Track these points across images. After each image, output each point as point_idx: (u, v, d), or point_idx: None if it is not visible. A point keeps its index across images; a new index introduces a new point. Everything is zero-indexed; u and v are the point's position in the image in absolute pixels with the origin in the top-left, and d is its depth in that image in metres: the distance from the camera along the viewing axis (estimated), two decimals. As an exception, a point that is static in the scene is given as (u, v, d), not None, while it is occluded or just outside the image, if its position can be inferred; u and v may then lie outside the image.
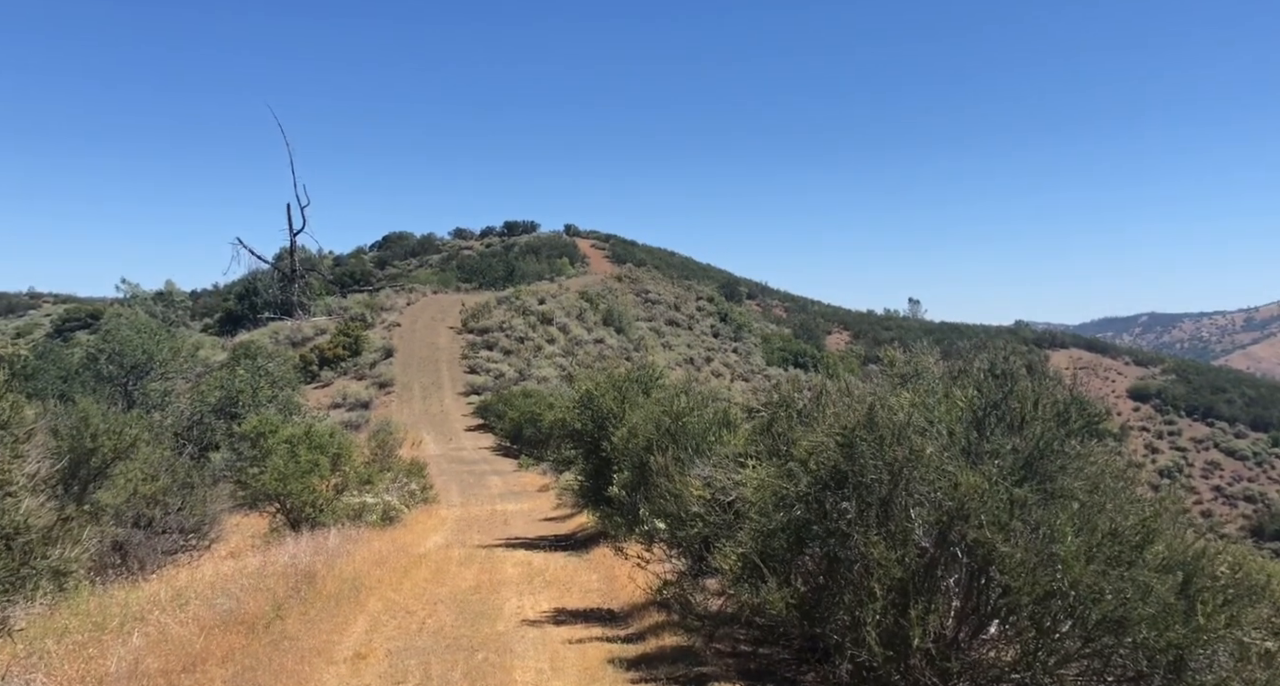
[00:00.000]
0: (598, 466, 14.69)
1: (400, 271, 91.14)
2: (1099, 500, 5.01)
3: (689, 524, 7.78)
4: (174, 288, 75.98)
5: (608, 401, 14.91)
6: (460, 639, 8.14)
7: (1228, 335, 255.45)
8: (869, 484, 5.39)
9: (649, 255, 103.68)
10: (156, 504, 11.34)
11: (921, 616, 4.91)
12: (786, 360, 75.45)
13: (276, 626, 8.08)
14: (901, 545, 5.15)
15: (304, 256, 73.26)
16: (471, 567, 12.46)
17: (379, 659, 7.36)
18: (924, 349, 7.78)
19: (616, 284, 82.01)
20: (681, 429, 10.48)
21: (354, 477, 17.43)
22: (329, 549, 11.90)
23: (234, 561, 11.44)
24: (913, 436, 5.39)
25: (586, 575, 11.87)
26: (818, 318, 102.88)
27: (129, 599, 8.19)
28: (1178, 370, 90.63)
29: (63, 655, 6.21)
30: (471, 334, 59.38)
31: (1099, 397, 8.42)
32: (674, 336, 74.43)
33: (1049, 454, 5.27)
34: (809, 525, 5.65)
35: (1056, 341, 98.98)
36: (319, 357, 52.61)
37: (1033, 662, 4.85)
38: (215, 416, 25.22)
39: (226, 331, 66.89)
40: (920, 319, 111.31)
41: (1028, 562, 4.71)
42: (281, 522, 15.60)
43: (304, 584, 9.70)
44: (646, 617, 8.75)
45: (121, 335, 27.80)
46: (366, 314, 62.12)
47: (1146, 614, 4.42)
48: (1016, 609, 4.94)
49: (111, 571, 10.06)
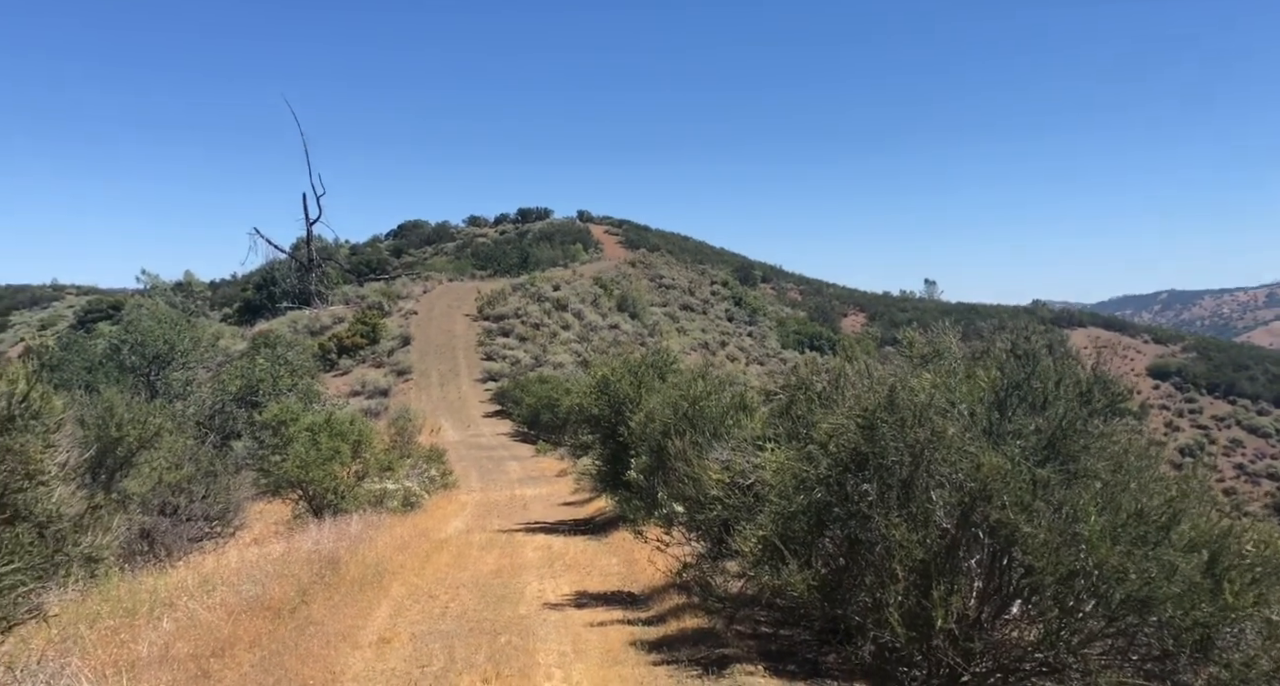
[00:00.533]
0: (615, 451, 14.75)
1: (416, 259, 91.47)
2: (1122, 479, 4.98)
3: (708, 507, 7.80)
4: (193, 278, 76.58)
5: (624, 386, 14.95)
6: (483, 622, 8.22)
7: (1249, 311, 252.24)
8: (890, 465, 5.38)
9: (663, 240, 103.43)
10: (181, 492, 11.48)
11: (944, 597, 4.91)
12: (802, 343, 75.28)
13: (302, 611, 8.19)
14: (923, 526, 5.14)
15: (320, 246, 73.65)
16: (492, 552, 12.56)
17: (403, 642, 7.45)
18: (944, 329, 7.72)
19: (630, 269, 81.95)
20: (698, 413, 10.49)
21: (374, 464, 17.57)
22: (351, 535, 12.02)
23: (258, 548, 11.59)
24: (934, 417, 5.37)
25: (606, 558, 11.95)
26: (833, 300, 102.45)
27: (157, 585, 8.32)
28: (1198, 347, 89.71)
29: (95, 640, 6.33)
30: (487, 321, 59.58)
31: (1120, 376, 8.36)
32: (689, 321, 74.37)
33: (1072, 434, 5.23)
34: (829, 507, 5.65)
35: (1075, 320, 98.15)
36: (337, 346, 52.97)
37: (1056, 642, 4.84)
38: (236, 405, 25.45)
39: (245, 321, 67.45)
40: (937, 300, 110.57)
41: (1051, 543, 4.69)
42: (304, 509, 15.77)
43: (328, 569, 9.81)
44: (667, 600, 8.80)
45: (143, 326, 28.06)
46: (383, 302, 62.44)
47: (1172, 593, 4.39)
48: (1039, 589, 4.93)
49: (139, 558, 10.21)
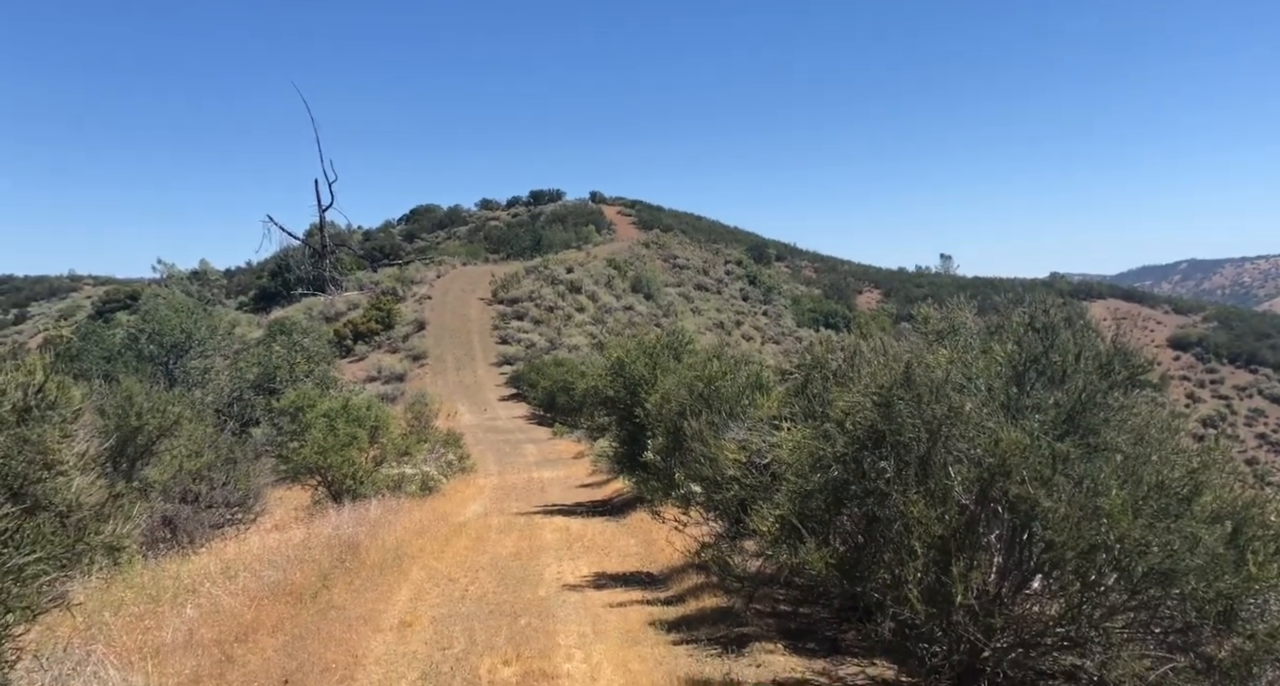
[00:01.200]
0: (632, 432, 14.76)
1: (429, 244, 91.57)
2: (1144, 452, 4.91)
3: (725, 487, 7.79)
4: (208, 266, 77.04)
5: (639, 368, 14.94)
6: (503, 605, 8.27)
7: (1271, 279, 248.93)
8: (907, 442, 5.33)
9: (676, 220, 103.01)
10: (202, 479, 11.58)
11: (963, 573, 4.88)
12: (817, 321, 75.00)
13: (323, 596, 8.26)
14: (941, 503, 5.10)
15: (334, 232, 73.78)
16: (511, 535, 12.63)
17: (424, 625, 7.51)
18: (960, 304, 7.63)
19: (644, 250, 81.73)
20: (714, 393, 10.46)
21: (392, 449, 17.67)
22: (371, 519, 12.11)
23: (279, 534, 11.70)
24: (951, 393, 5.31)
25: (624, 539, 11.98)
26: (848, 277, 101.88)
27: (180, 571, 8.41)
28: (1219, 317, 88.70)
29: (120, 626, 6.40)
30: (501, 304, 59.67)
31: (1141, 348, 8.24)
32: (703, 301, 74.19)
33: (1091, 407, 5.17)
34: (847, 485, 5.62)
35: (1093, 292, 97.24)
36: (352, 332, 53.23)
37: (1078, 616, 4.81)
38: (254, 392, 25.65)
39: (261, 308, 67.88)
40: (952, 274, 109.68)
41: (1071, 517, 4.65)
42: (323, 495, 15.90)
43: (348, 554, 9.89)
44: (685, 580, 8.82)
45: (160, 315, 28.27)
46: (397, 287, 62.63)
47: (1195, 565, 4.34)
48: (1060, 563, 4.89)
49: (162, 545, 10.32)
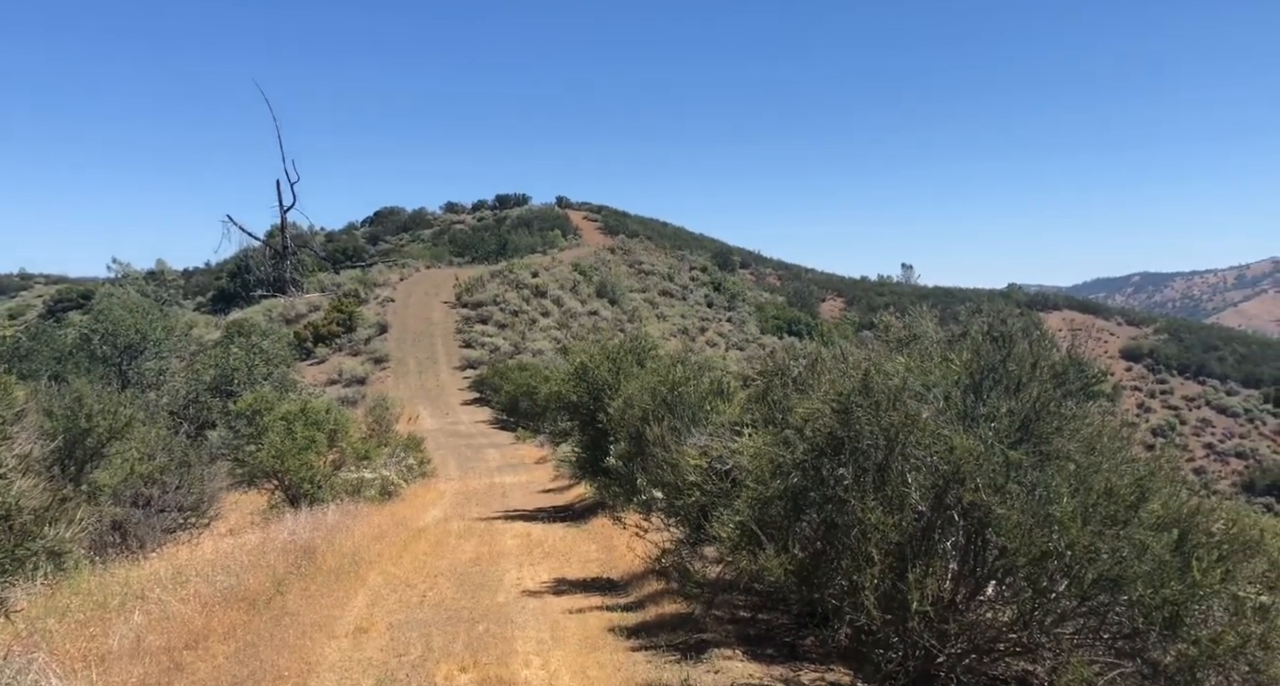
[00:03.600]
0: (594, 437, 14.72)
1: (392, 246, 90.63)
2: (1094, 460, 5.01)
3: (686, 493, 7.79)
4: (165, 266, 75.57)
5: (603, 373, 14.91)
6: (461, 611, 8.19)
7: (1219, 293, 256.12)
8: (865, 449, 5.39)
9: (641, 226, 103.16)
10: (154, 483, 11.33)
11: (919, 579, 4.93)
12: (781, 328, 75.50)
13: (277, 602, 8.12)
14: (898, 509, 5.16)
15: (295, 233, 72.81)
16: (471, 540, 12.52)
17: (380, 632, 7.41)
18: (921, 313, 7.74)
19: (609, 255, 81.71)
20: (677, 398, 10.47)
21: (351, 453, 17.44)
22: (328, 524, 11.93)
23: (234, 538, 11.48)
24: (908, 401, 5.38)
25: (585, 545, 11.94)
26: (811, 285, 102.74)
27: (130, 577, 8.21)
28: (1170, 329, 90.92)
29: (64, 634, 6.23)
30: (465, 308, 59.22)
31: (1095, 358, 8.44)
32: (668, 307, 74.33)
33: (1045, 415, 5.26)
34: (806, 491, 5.66)
35: (1050, 303, 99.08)
36: (313, 334, 52.47)
37: (1030, 622, 4.89)
38: (211, 395, 25.17)
39: (220, 309, 66.62)
40: (914, 284, 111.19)
41: (1024, 524, 4.73)
42: (280, 499, 15.63)
43: (304, 559, 9.74)
44: (646, 586, 8.81)
45: (114, 315, 27.64)
46: (360, 290, 61.87)
47: (1142, 571, 4.44)
48: (1013, 570, 4.97)
49: (112, 550, 10.08)
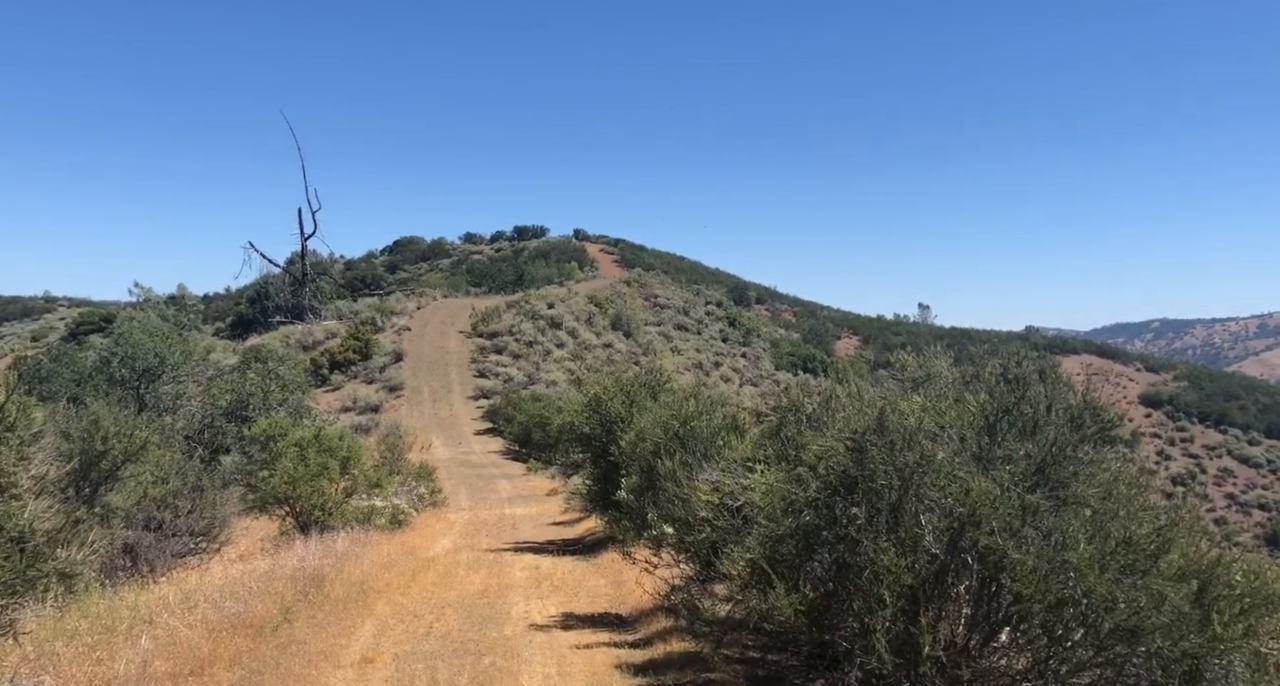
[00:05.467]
0: (606, 470, 14.67)
1: (411, 275, 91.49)
2: (1112, 507, 4.95)
3: (697, 529, 7.74)
4: (186, 291, 76.40)
5: (616, 405, 14.89)
6: (467, 643, 8.12)
7: (1240, 342, 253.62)
8: (879, 489, 5.34)
9: (657, 259, 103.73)
10: (166, 506, 11.36)
11: (932, 623, 4.86)
12: (795, 365, 75.34)
13: (284, 630, 8.08)
14: (912, 551, 5.10)
15: (315, 260, 73.59)
16: (479, 571, 12.45)
17: (386, 663, 7.35)
18: (936, 353, 7.72)
19: (625, 288, 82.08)
20: (690, 433, 10.44)
21: (363, 481, 17.45)
22: (337, 552, 11.90)
23: (243, 564, 11.47)
24: (923, 441, 5.34)
25: (594, 580, 11.84)
26: (827, 322, 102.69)
27: (138, 601, 8.21)
28: (1190, 376, 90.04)
29: (71, 657, 6.22)
30: (481, 338, 59.50)
31: (1111, 403, 8.32)
32: (682, 341, 74.39)
33: (1062, 460, 5.21)
34: (818, 530, 5.61)
35: (1067, 347, 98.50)
36: (329, 361, 52.79)
37: (1044, 671, 4.80)
38: (226, 419, 25.32)
39: (238, 335, 67.24)
40: (930, 324, 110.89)
41: (1040, 570, 4.66)
42: (291, 525, 15.63)
43: (312, 587, 9.70)
44: (654, 623, 8.72)
45: (134, 338, 27.95)
46: (377, 318, 62.32)
47: (1161, 623, 4.35)
48: (1028, 616, 4.89)
49: (122, 573, 10.09)
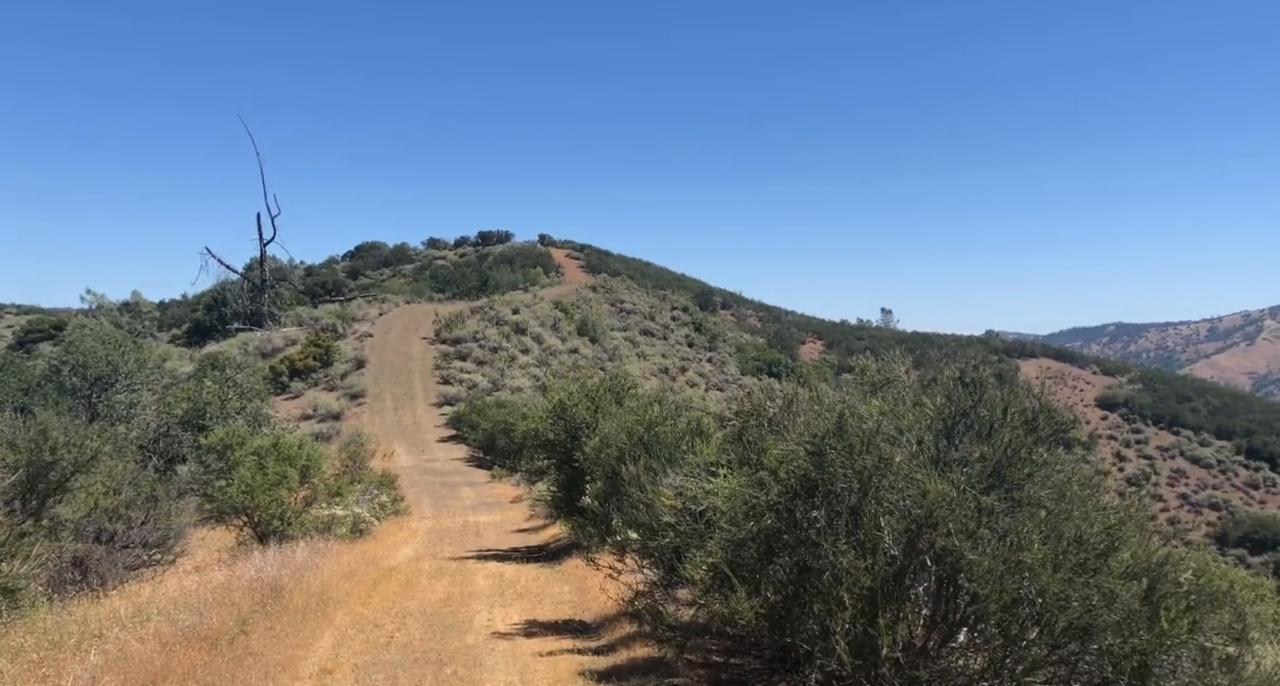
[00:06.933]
0: (571, 477, 14.62)
1: (373, 281, 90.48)
2: (1066, 508, 5.04)
3: (661, 534, 7.73)
4: (141, 298, 74.69)
5: (580, 411, 14.85)
6: (429, 652, 8.03)
7: (1192, 345, 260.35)
8: (839, 492, 5.39)
9: (623, 265, 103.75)
10: (119, 518, 11.09)
11: (890, 625, 4.91)
12: (761, 369, 75.74)
13: (241, 642, 7.92)
14: (871, 553, 5.15)
15: (274, 266, 72.48)
16: (442, 580, 12.32)
17: (345, 674, 7.24)
18: (895, 357, 7.80)
19: (591, 294, 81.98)
20: (654, 438, 10.45)
21: (323, 490, 17.20)
22: (296, 562, 11.71)
23: (199, 576, 11.23)
24: (882, 444, 5.40)
25: (558, 586, 11.78)
26: (791, 327, 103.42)
27: (88, 615, 7.99)
28: (1144, 379, 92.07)
29: (15, 675, 6.04)
30: (445, 344, 59.00)
31: (1068, 406, 8.48)
32: (649, 346, 74.44)
33: (1017, 462, 5.29)
34: (779, 534, 5.64)
35: (1026, 351, 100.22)
36: (289, 368, 51.99)
37: (1000, 670, 4.86)
38: (182, 428, 24.80)
39: (195, 342, 65.94)
40: (893, 328, 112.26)
41: (995, 570, 4.73)
42: (249, 536, 15.35)
43: (270, 598, 9.53)
44: (618, 629, 8.69)
45: (85, 346, 27.29)
46: (338, 324, 61.54)
47: (1112, 620, 4.44)
48: (985, 616, 4.95)
49: (71, 587, 9.82)
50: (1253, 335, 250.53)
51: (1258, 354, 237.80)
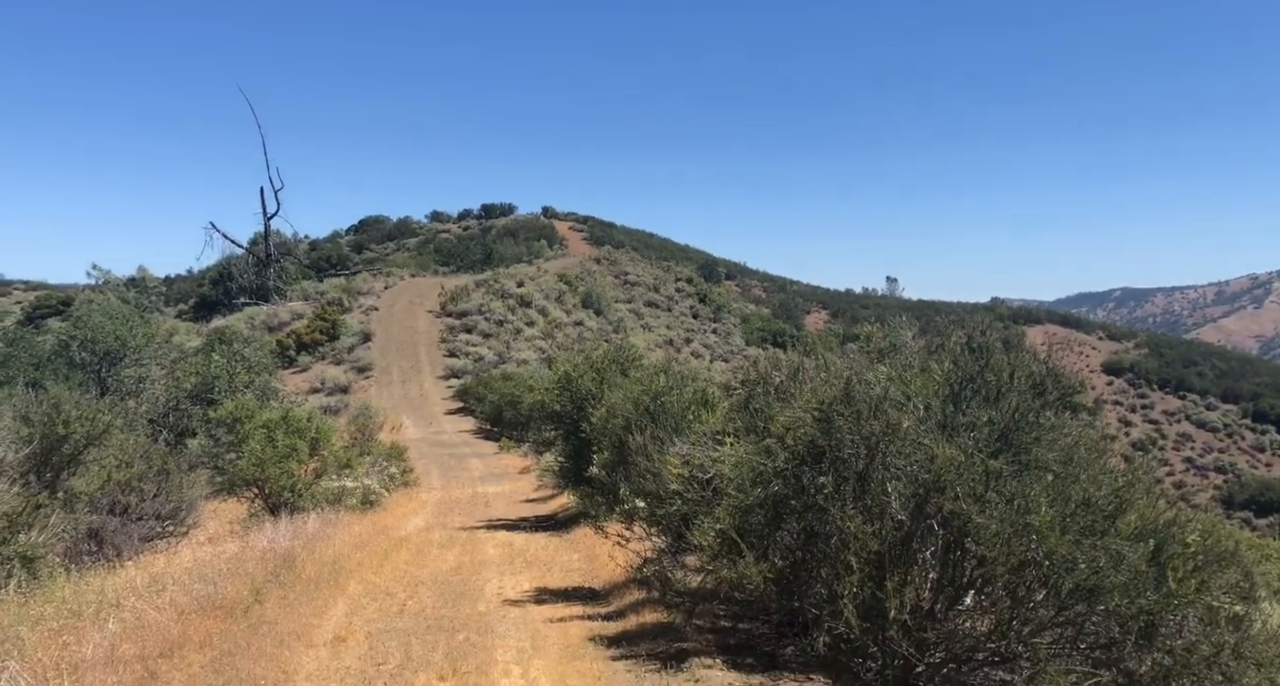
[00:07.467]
0: (578, 447, 14.70)
1: (377, 255, 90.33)
2: (1073, 471, 5.06)
3: (668, 502, 7.79)
4: (147, 273, 74.65)
5: (586, 382, 14.90)
6: (441, 620, 8.13)
7: (1199, 309, 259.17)
8: (846, 458, 5.41)
9: (627, 237, 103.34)
10: (132, 490, 11.21)
11: (898, 588, 4.95)
12: (766, 340, 75.69)
13: (255, 611, 8.03)
14: (878, 518, 5.18)
15: (279, 241, 72.38)
16: (453, 549, 12.44)
17: (359, 641, 7.34)
18: (901, 324, 7.80)
19: (595, 266, 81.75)
20: (660, 408, 10.49)
21: (333, 462, 17.33)
22: (308, 533, 11.83)
23: (212, 547, 11.36)
24: (889, 410, 5.41)
25: (567, 555, 11.90)
26: (796, 297, 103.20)
27: (105, 586, 8.11)
28: (1150, 344, 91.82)
29: (37, 642, 6.15)
30: (450, 317, 59.05)
31: (1075, 371, 8.49)
32: (653, 318, 74.38)
33: (1024, 426, 5.31)
34: (786, 500, 5.68)
35: (1032, 317, 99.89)
36: (296, 342, 52.13)
37: (1007, 632, 4.91)
38: (191, 402, 24.96)
39: (201, 317, 66.07)
40: (898, 297, 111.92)
41: (1003, 533, 4.76)
42: (260, 508, 15.50)
43: (283, 568, 9.65)
44: (627, 595, 8.79)
45: (94, 322, 27.38)
46: (343, 298, 61.56)
47: (1119, 582, 4.47)
48: (992, 579, 5.00)
49: (88, 558, 9.95)
50: (1260, 298, 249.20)
51: (1265, 317, 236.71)
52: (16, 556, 3.89)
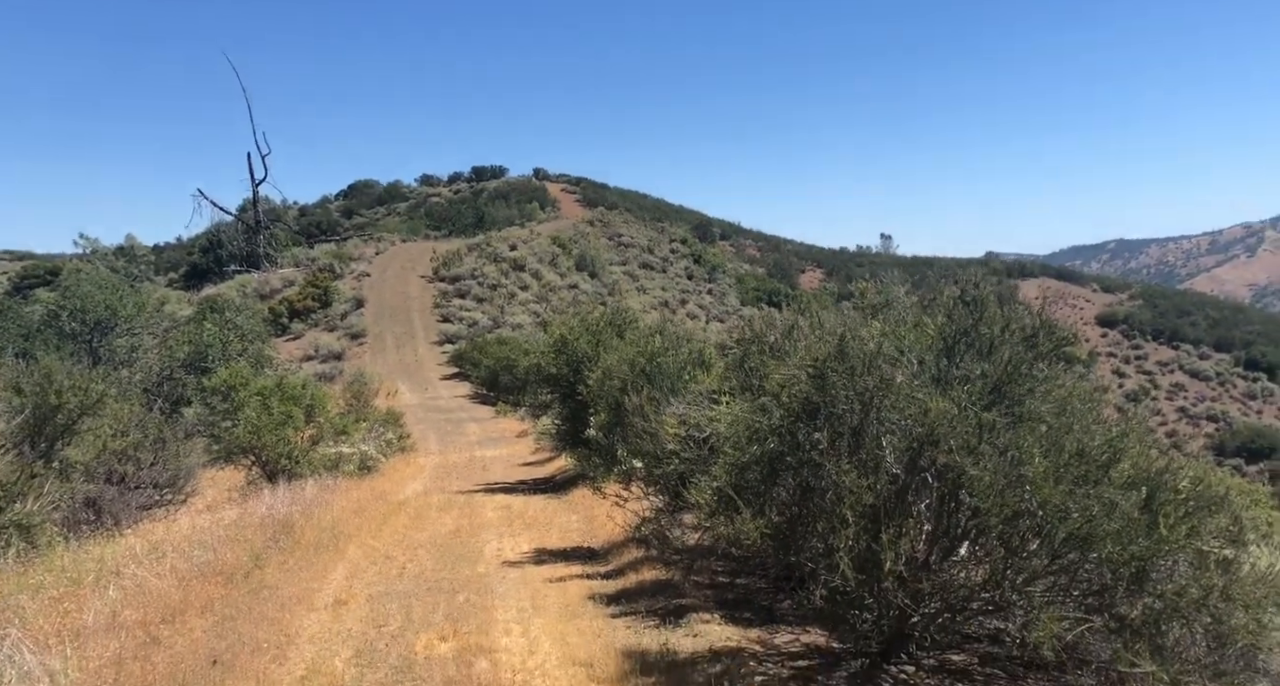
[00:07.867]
0: (574, 410, 14.73)
1: (368, 220, 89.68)
2: (1066, 422, 5.06)
3: (665, 461, 7.81)
4: (135, 242, 74.04)
5: (582, 345, 14.87)
6: (441, 582, 8.20)
7: (1193, 259, 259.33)
8: (840, 414, 5.40)
9: (621, 198, 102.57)
10: (128, 459, 11.21)
11: (893, 541, 4.98)
12: (761, 299, 75.64)
13: (255, 576, 8.09)
14: (873, 472, 5.19)
15: (268, 207, 71.79)
16: (451, 513, 12.52)
17: (360, 604, 7.41)
18: (894, 279, 7.75)
19: (589, 228, 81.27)
20: (656, 368, 10.48)
21: (329, 428, 17.35)
22: (306, 499, 11.89)
23: (210, 514, 11.41)
24: (883, 365, 5.39)
25: (566, 516, 11.98)
26: (791, 256, 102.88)
27: (104, 554, 8.15)
28: (1144, 295, 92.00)
29: (38, 610, 6.18)
30: (443, 282, 58.82)
31: (1070, 324, 8.54)
32: (648, 279, 74.19)
33: (1017, 378, 5.30)
34: (782, 456, 5.68)
35: (1026, 271, 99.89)
36: (288, 310, 51.96)
37: (1001, 581, 4.95)
38: (185, 371, 24.90)
39: (192, 285, 65.76)
40: (892, 254, 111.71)
41: (997, 484, 4.77)
42: (257, 475, 15.55)
43: (282, 534, 9.70)
44: (626, 554, 8.87)
45: (83, 291, 27.19)
46: (335, 264, 61.23)
47: (1111, 529, 4.50)
48: (986, 530, 5.03)
49: (86, 528, 9.98)
50: (1254, 247, 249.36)
51: (1258, 265, 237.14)
52: (12, 524, 3.89)
